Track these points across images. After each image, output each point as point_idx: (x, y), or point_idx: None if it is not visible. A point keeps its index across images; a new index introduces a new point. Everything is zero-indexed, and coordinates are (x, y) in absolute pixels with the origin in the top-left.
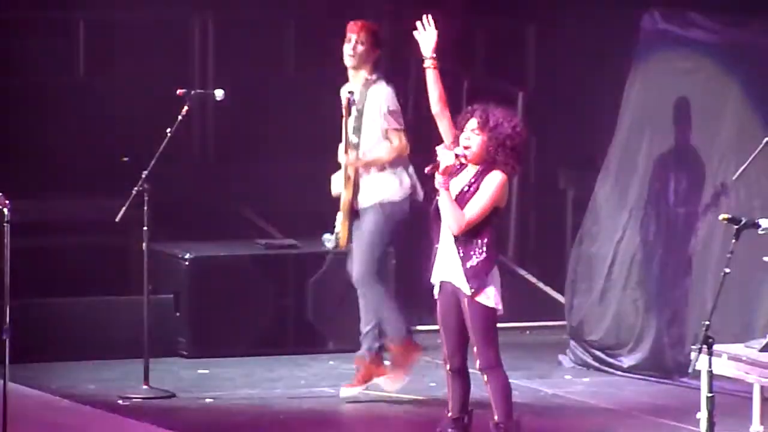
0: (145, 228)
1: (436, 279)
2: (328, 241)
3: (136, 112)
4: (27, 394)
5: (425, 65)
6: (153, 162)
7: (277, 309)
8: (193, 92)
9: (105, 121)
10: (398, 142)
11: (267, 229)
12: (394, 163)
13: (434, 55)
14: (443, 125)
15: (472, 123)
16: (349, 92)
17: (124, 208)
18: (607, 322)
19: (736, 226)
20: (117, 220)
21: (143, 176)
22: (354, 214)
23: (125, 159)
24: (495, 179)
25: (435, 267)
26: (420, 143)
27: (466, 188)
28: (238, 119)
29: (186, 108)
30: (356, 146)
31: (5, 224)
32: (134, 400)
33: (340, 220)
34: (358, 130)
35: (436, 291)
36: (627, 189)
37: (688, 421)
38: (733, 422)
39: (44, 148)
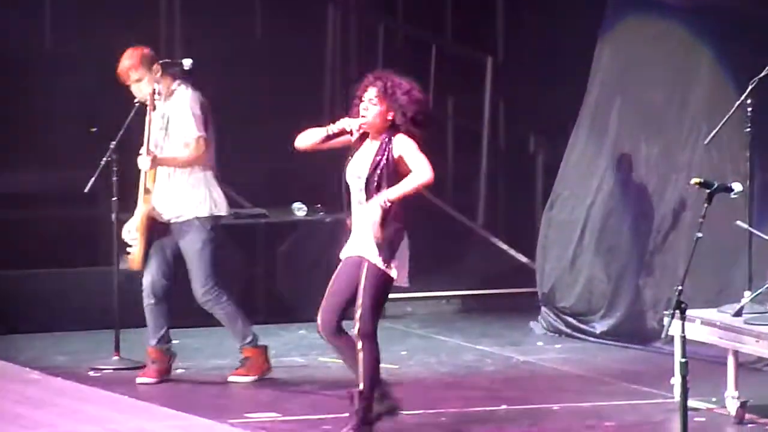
0: (114, 198)
1: (345, 254)
2: (298, 209)
3: (103, 83)
4: None
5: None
6: (121, 132)
7: (247, 278)
8: (160, 62)
9: (73, 92)
10: (196, 150)
11: (236, 198)
12: (197, 173)
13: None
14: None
15: (371, 93)
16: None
17: (92, 179)
18: (578, 288)
19: (708, 191)
20: (86, 191)
21: (111, 147)
22: (155, 225)
23: (93, 129)
24: (407, 142)
25: (347, 243)
26: None
27: (379, 159)
28: (206, 87)
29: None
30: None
31: None
32: (105, 371)
33: (136, 237)
34: (163, 131)
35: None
36: (598, 154)
37: (661, 387)
38: (708, 388)
39: (11, 120)
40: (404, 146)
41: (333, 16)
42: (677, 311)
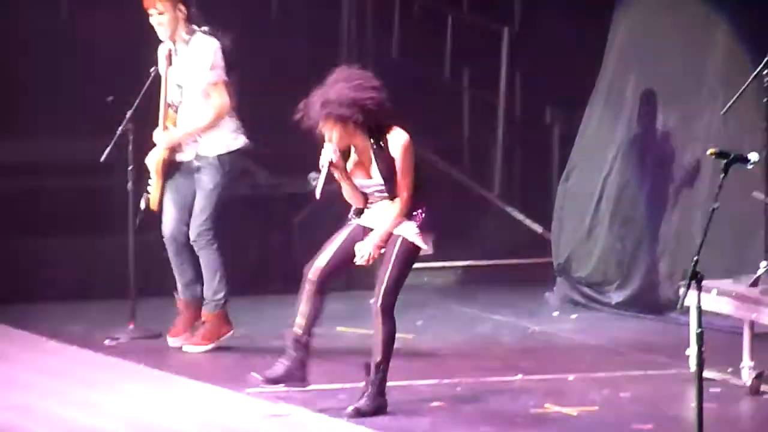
0: (130, 168)
1: (362, 222)
2: (314, 180)
3: (120, 52)
4: (12, 335)
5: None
6: (137, 101)
7: (264, 248)
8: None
9: (89, 60)
10: (219, 99)
11: (253, 168)
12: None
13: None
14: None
15: (318, 118)
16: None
17: (108, 148)
18: (594, 259)
19: (725, 161)
20: (102, 160)
21: (128, 116)
22: (172, 167)
23: (110, 99)
24: (398, 147)
25: (367, 213)
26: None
27: (382, 162)
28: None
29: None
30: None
31: None
32: (121, 340)
33: (154, 178)
34: (179, 87)
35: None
36: (615, 124)
37: (677, 358)
38: (724, 358)
39: (28, 89)
40: (397, 151)
41: None
42: (693, 281)
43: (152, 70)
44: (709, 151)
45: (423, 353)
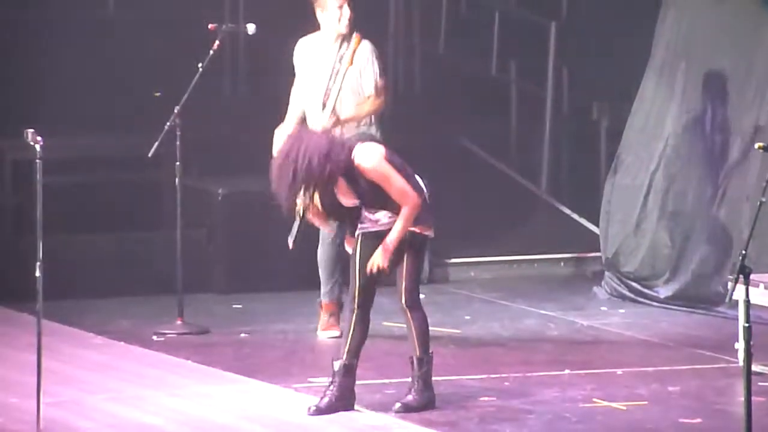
0: (177, 163)
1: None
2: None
3: (168, 47)
4: (61, 331)
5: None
6: (185, 97)
7: (316, 246)
8: (224, 27)
9: (136, 56)
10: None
11: None
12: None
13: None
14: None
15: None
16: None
17: (156, 144)
18: (642, 253)
19: None
20: (150, 155)
21: (175, 111)
22: None
23: (158, 94)
24: (375, 171)
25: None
26: None
27: (361, 191)
28: (271, 53)
29: (218, 42)
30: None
31: (37, 161)
32: (168, 335)
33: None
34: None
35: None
36: (662, 118)
37: (725, 352)
38: None
39: (76, 84)
40: (376, 176)
41: None
42: (741, 275)
43: (200, 65)
44: (756, 145)
45: (471, 348)
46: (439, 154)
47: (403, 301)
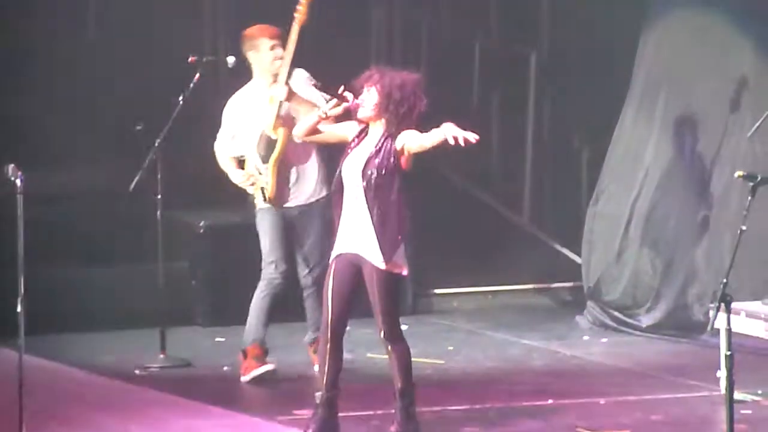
0: (158, 196)
1: (338, 251)
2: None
3: (147, 80)
4: (43, 366)
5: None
6: (166, 130)
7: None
8: (204, 59)
9: (116, 89)
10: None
11: None
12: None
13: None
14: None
15: (370, 82)
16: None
17: (137, 177)
18: (624, 282)
19: (752, 183)
20: (130, 189)
21: (156, 144)
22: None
23: (139, 127)
24: (409, 132)
25: (338, 240)
26: None
27: (373, 153)
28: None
29: (198, 75)
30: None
31: (18, 195)
32: (151, 369)
33: (268, 174)
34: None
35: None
36: (643, 147)
37: (707, 380)
38: (754, 380)
39: (55, 116)
40: (407, 134)
41: (376, 14)
42: (722, 304)
43: (180, 98)
44: (736, 174)
45: (454, 378)
46: (421, 184)
47: (382, 334)
